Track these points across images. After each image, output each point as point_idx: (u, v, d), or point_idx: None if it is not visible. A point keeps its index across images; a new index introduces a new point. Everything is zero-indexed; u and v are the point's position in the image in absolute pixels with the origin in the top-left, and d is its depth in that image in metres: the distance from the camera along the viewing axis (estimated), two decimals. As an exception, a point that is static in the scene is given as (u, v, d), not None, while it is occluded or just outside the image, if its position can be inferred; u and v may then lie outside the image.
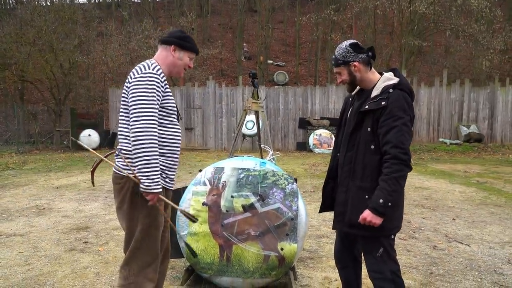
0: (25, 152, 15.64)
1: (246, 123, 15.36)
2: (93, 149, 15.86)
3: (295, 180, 3.21)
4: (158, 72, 2.30)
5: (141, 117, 2.19)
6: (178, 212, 3.24)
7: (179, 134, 2.46)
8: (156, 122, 2.23)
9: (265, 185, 3.11)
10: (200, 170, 3.30)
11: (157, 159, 2.20)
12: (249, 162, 3.24)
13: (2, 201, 6.69)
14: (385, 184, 2.20)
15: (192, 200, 3.16)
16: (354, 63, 2.36)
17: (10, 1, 26.83)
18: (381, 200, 2.19)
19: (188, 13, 20.93)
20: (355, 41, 2.44)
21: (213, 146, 17.03)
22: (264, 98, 3.76)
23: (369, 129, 2.30)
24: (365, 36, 20.61)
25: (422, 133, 16.47)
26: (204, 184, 3.20)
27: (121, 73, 20.23)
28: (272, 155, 3.43)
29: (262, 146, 3.65)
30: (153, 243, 2.37)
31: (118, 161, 2.34)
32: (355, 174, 2.36)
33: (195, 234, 3.12)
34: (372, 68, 2.44)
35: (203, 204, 3.13)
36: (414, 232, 4.94)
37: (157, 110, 2.24)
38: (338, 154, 2.56)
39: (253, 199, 3.07)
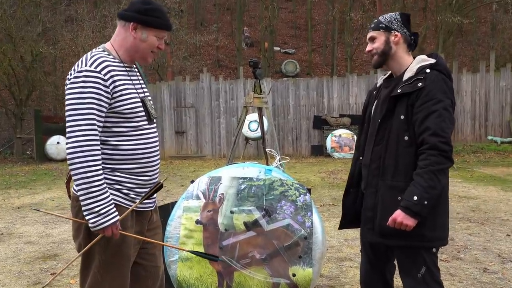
0: (-20, 166, 15.74)
1: (249, 124, 15.34)
2: (64, 159, 15.94)
3: (309, 190, 3.20)
4: (99, 68, 2.14)
5: (73, 133, 2.08)
6: (167, 234, 3.24)
7: (152, 140, 2.33)
8: (96, 137, 2.10)
9: (272, 197, 3.11)
10: (193, 181, 3.30)
11: (99, 184, 2.09)
12: (252, 169, 3.24)
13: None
14: (420, 178, 2.22)
15: (183, 218, 3.16)
16: (397, 33, 2.43)
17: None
18: (415, 197, 2.20)
19: (175, -9, 21.06)
20: (409, 14, 2.54)
21: (210, 153, 17.06)
22: (269, 91, 3.74)
23: (402, 116, 2.34)
24: (393, 13, 20.57)
25: (466, 131, 16.40)
26: (198, 197, 3.20)
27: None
28: (279, 161, 3.43)
29: (267, 150, 3.64)
30: (115, 285, 2.25)
31: None
32: (385, 171, 2.38)
33: (188, 260, 3.11)
34: (410, 53, 2.51)
35: (197, 222, 3.13)
36: (459, 251, 4.90)
37: (98, 120, 2.11)
38: (361, 158, 2.57)
39: (257, 214, 3.07)
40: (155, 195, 2.43)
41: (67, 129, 2.10)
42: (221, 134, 17.02)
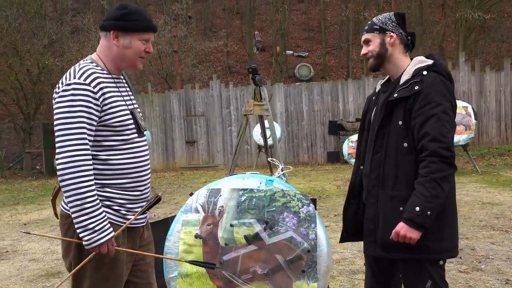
0: (-12, 182, 15.99)
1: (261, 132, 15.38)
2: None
3: (313, 201, 3.17)
4: (88, 80, 2.15)
5: (64, 149, 2.09)
6: (166, 249, 3.25)
7: (142, 154, 2.34)
8: (87, 151, 2.11)
9: (273, 208, 3.09)
10: (192, 194, 3.30)
11: (93, 200, 2.10)
12: (252, 180, 3.22)
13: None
14: (422, 188, 2.19)
15: (182, 233, 3.15)
16: (392, 34, 2.41)
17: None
18: (417, 208, 2.18)
19: (182, -2, 21.24)
20: (404, 13, 2.52)
21: (222, 163, 17.09)
22: (270, 98, 3.73)
23: (400, 122, 2.32)
24: (409, 11, 20.50)
25: (491, 132, 16.18)
26: (197, 211, 3.19)
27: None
28: (282, 170, 3.42)
29: (269, 159, 3.63)
30: None
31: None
32: (385, 180, 2.36)
33: (188, 276, 3.10)
34: (407, 54, 2.49)
35: (196, 236, 3.12)
36: (480, 262, 4.81)
37: (88, 134, 2.12)
38: (362, 167, 2.55)
39: (258, 227, 3.05)
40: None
41: (57, 144, 2.11)
42: (233, 142, 17.03)
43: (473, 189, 9.27)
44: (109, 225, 2.16)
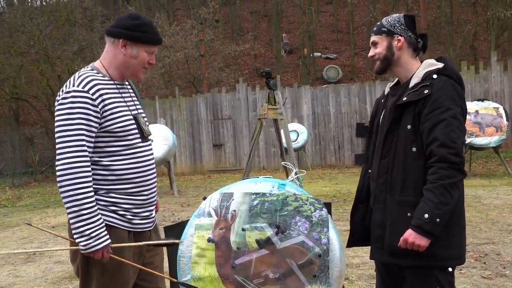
0: (22, 185, 16.45)
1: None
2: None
3: (326, 205, 3.15)
4: (87, 88, 2.18)
5: (62, 155, 2.13)
6: (179, 253, 3.28)
7: (146, 159, 2.36)
8: (86, 158, 2.14)
9: (285, 213, 3.08)
10: (205, 198, 3.32)
11: (90, 207, 2.14)
12: (265, 184, 3.23)
13: (-13, 247, 7.04)
14: (431, 194, 2.16)
15: (195, 237, 3.18)
16: (399, 37, 2.38)
17: (1, 5, 28.62)
18: (426, 215, 2.15)
19: (209, 2, 21.42)
20: (413, 15, 2.48)
21: (249, 166, 17.12)
22: (284, 102, 3.71)
23: (409, 126, 2.29)
24: (439, 11, 20.17)
25: (524, 134, 15.74)
26: (209, 215, 3.21)
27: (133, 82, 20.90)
28: (296, 174, 3.41)
29: (283, 163, 3.63)
30: None
31: None
32: (393, 185, 2.34)
33: (200, 279, 3.13)
34: (417, 57, 2.45)
35: (209, 240, 3.14)
36: (505, 268, 4.69)
37: (87, 141, 2.16)
38: (370, 171, 2.53)
39: (269, 231, 3.05)
40: (153, 214, 2.47)
41: (57, 151, 2.15)
42: (259, 145, 17.07)
43: (504, 192, 9.05)
44: (105, 232, 2.19)
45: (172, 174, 12.01)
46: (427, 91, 2.23)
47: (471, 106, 11.03)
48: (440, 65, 2.32)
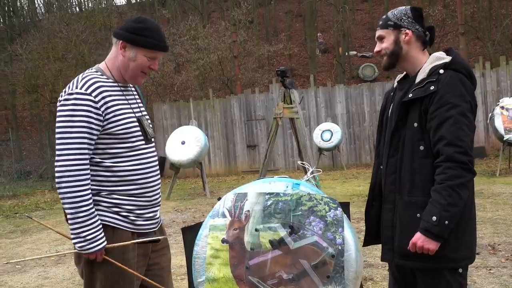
0: (61, 188, 16.88)
1: (321, 134, 15.24)
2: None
3: (343, 205, 3.09)
4: (90, 90, 2.19)
5: (62, 157, 2.15)
6: (194, 254, 3.28)
7: (149, 160, 2.37)
8: (85, 161, 2.16)
9: (299, 213, 3.03)
10: (219, 198, 3.31)
11: (87, 209, 2.15)
12: (279, 184, 3.19)
13: (21, 249, 7.26)
14: (438, 195, 2.09)
15: (210, 237, 3.17)
16: (407, 31, 2.30)
17: (41, 11, 29.54)
18: (434, 218, 2.08)
19: (243, 3, 21.49)
20: (420, 7, 2.40)
21: (283, 166, 17.08)
22: (300, 101, 3.63)
23: (415, 124, 2.22)
24: (477, 5, 19.57)
25: None
26: (223, 215, 3.20)
27: (166, 84, 21.21)
28: (312, 173, 3.35)
29: (299, 163, 3.56)
30: None
31: None
32: (401, 186, 2.28)
33: (215, 281, 3.12)
34: (426, 50, 2.36)
35: (223, 241, 3.12)
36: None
37: (88, 144, 2.17)
38: (381, 167, 2.46)
39: (282, 232, 3.01)
40: (158, 215, 2.47)
41: (56, 152, 2.18)
42: (293, 145, 16.96)
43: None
44: (101, 235, 2.21)
45: (205, 175, 12.08)
46: (433, 87, 2.16)
47: (509, 102, 10.63)
48: (448, 59, 2.22)
